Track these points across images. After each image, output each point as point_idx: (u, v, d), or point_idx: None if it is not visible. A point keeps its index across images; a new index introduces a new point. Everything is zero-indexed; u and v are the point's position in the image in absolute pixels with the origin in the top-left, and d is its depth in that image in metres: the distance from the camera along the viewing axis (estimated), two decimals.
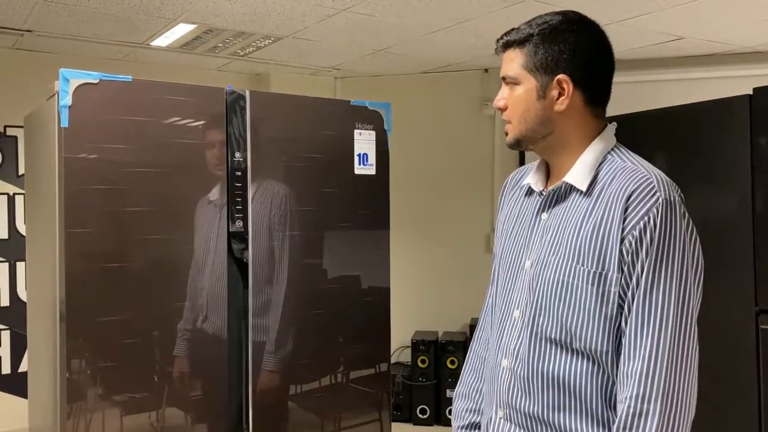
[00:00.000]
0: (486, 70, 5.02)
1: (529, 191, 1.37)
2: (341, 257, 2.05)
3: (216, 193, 1.88)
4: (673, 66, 4.65)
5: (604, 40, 1.30)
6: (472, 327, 3.76)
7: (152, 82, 1.78)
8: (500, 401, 1.34)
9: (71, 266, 1.68)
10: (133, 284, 1.78)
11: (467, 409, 1.58)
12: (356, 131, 2.06)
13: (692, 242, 1.18)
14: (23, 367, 4.32)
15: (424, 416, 4.63)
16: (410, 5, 3.32)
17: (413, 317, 4.90)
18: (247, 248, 1.92)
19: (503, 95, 1.31)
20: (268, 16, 3.64)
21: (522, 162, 4.20)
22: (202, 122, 1.84)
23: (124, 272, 1.76)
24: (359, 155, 2.06)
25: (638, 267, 1.13)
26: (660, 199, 1.12)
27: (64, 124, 1.63)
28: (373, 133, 2.10)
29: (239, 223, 1.90)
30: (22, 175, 4.32)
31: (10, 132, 4.34)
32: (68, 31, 3.97)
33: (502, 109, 1.32)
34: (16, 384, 4.31)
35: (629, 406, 1.12)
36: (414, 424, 4.67)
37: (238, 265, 1.92)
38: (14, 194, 4.35)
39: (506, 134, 1.32)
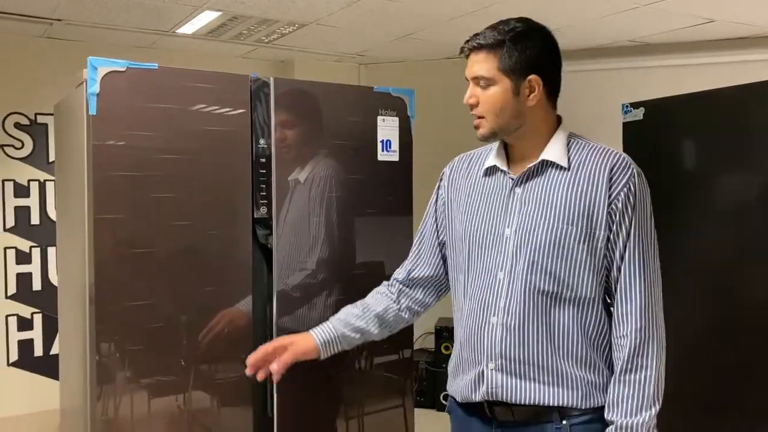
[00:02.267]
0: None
1: (491, 172, 1.55)
2: (365, 243, 2.06)
3: (240, 182, 1.89)
4: (704, 49, 4.55)
5: (556, 43, 1.50)
6: None
7: (178, 69, 1.81)
8: (491, 354, 1.45)
9: (100, 251, 1.70)
10: (161, 269, 1.80)
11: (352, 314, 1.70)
12: (379, 118, 2.05)
13: (650, 207, 1.44)
14: (54, 350, 4.37)
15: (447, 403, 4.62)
16: None
17: (437, 304, 4.91)
18: (271, 234, 1.92)
19: (474, 93, 1.47)
20: (293, 2, 3.64)
21: None
22: (227, 109, 1.85)
23: (152, 257, 1.78)
24: (382, 142, 2.06)
25: (625, 225, 1.36)
26: (634, 171, 1.39)
27: (93, 111, 1.64)
28: (397, 119, 2.08)
29: (263, 210, 1.91)
30: (53, 162, 4.38)
31: (40, 120, 4.41)
32: (96, 19, 4.02)
33: (473, 106, 1.48)
34: (47, 366, 4.40)
35: (633, 339, 1.34)
36: (437, 410, 4.70)
37: (262, 250, 1.94)
38: (45, 181, 4.42)
39: (476, 128, 1.49)
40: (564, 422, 1.39)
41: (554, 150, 1.45)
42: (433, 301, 1.76)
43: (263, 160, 1.90)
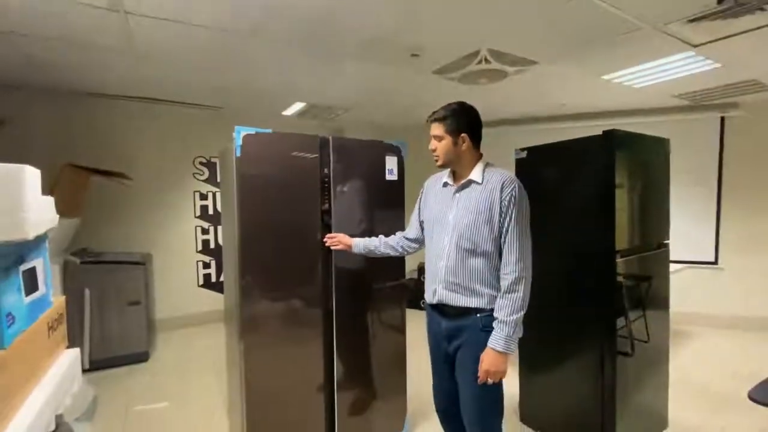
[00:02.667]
0: None
1: (445, 185, 1.54)
2: (378, 222, 2.02)
3: (314, 191, 1.89)
4: (561, 120, 4.47)
5: (478, 115, 1.49)
6: None
7: (282, 132, 1.79)
8: (440, 280, 1.49)
9: (243, 230, 1.71)
10: (279, 238, 1.78)
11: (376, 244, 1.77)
12: (387, 156, 2.05)
13: (527, 204, 1.43)
14: (221, 278, 4.45)
15: (424, 306, 4.61)
16: (430, 88, 3.29)
17: (418, 253, 4.91)
18: (330, 218, 1.92)
19: (434, 144, 1.50)
20: (343, 98, 3.64)
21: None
22: (307, 153, 1.84)
23: (271, 235, 1.78)
24: (388, 169, 2.05)
25: (509, 213, 1.38)
26: (516, 185, 1.41)
27: (238, 154, 1.67)
28: (396, 158, 2.07)
29: (326, 205, 1.91)
30: (218, 181, 4.42)
31: (212, 159, 4.44)
32: (239, 106, 4.04)
33: (434, 150, 1.50)
34: (217, 286, 4.44)
35: (511, 276, 1.38)
36: (419, 310, 4.70)
37: (326, 227, 1.92)
38: (215, 192, 4.46)
39: (436, 161, 1.51)
40: (478, 315, 1.42)
41: (475, 174, 1.46)
42: (416, 247, 1.77)
43: (326, 179, 1.90)
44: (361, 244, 1.78)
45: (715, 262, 4.08)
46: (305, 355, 1.86)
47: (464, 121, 1.45)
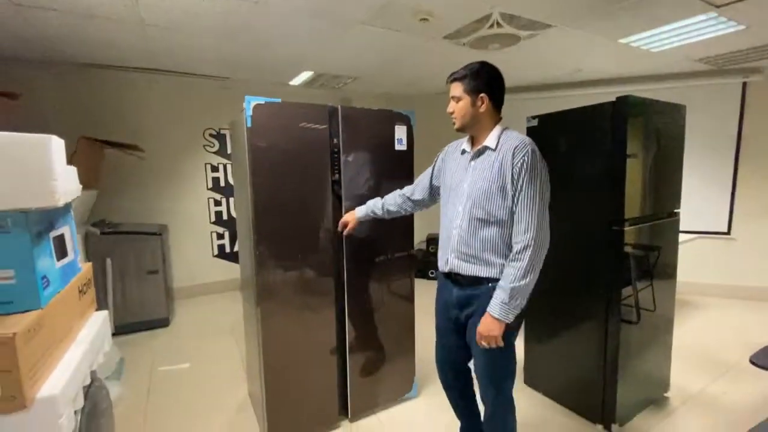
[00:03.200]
0: None
1: (463, 152, 1.51)
2: (387, 187, 2.00)
3: (324, 162, 1.89)
4: (576, 87, 4.35)
5: (501, 75, 1.43)
6: None
7: (291, 102, 1.77)
8: (452, 249, 1.46)
9: (256, 200, 1.74)
10: (287, 207, 1.82)
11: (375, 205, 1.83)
12: (396, 126, 2.03)
13: (545, 171, 1.35)
14: (234, 249, 4.54)
15: (432, 276, 4.67)
16: (435, 60, 3.22)
17: (426, 226, 4.95)
18: (340, 188, 1.93)
19: (452, 106, 1.46)
20: (351, 66, 3.58)
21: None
22: (316, 124, 1.84)
23: (283, 206, 1.80)
24: (397, 139, 2.04)
25: (521, 180, 1.32)
26: (529, 149, 1.33)
27: (248, 125, 1.67)
28: (405, 127, 2.05)
29: (336, 176, 1.92)
30: (229, 153, 4.46)
31: (222, 131, 4.45)
32: (246, 76, 4.01)
33: (451, 113, 1.46)
34: (231, 256, 4.56)
35: (518, 245, 1.33)
36: (426, 279, 4.78)
37: (336, 197, 1.95)
38: (225, 164, 4.49)
39: (453, 124, 1.47)
40: (489, 285, 1.39)
41: (490, 139, 1.42)
42: (417, 209, 1.80)
43: (335, 150, 1.90)
44: (363, 212, 1.82)
45: (728, 233, 4.04)
46: (318, 320, 1.94)
47: (484, 81, 1.39)
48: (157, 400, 2.37)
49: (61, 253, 1.21)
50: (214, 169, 4.37)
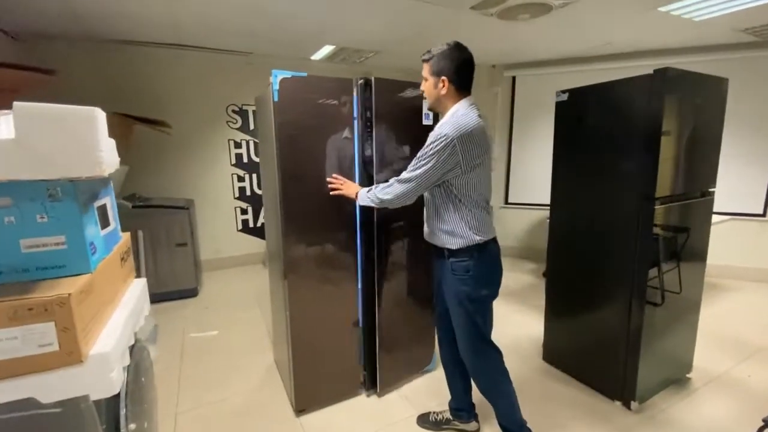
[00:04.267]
0: (493, 66, 4.70)
1: None
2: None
3: (349, 133, 1.87)
4: (607, 60, 4.16)
5: (468, 58, 1.43)
6: None
7: (317, 76, 1.75)
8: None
9: (282, 174, 1.75)
10: (311, 183, 1.81)
11: None
12: (424, 100, 1.96)
13: (444, 158, 1.39)
14: (258, 223, 4.63)
15: None
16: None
17: None
18: (372, 164, 1.90)
19: (423, 85, 1.51)
20: (372, 40, 3.52)
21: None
22: (341, 97, 1.82)
23: (307, 178, 1.81)
24: (425, 113, 2.00)
25: (425, 148, 1.45)
26: (441, 138, 1.37)
27: (276, 99, 1.67)
28: None
29: (368, 152, 1.90)
30: (253, 129, 4.49)
31: (244, 108, 4.48)
32: (270, 51, 3.99)
33: (423, 91, 1.52)
34: (255, 231, 4.67)
35: (400, 178, 1.53)
36: None
37: (368, 175, 1.93)
38: (249, 140, 4.53)
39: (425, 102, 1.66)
40: (448, 257, 1.53)
41: (441, 120, 1.49)
42: None
43: (369, 123, 1.86)
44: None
45: (763, 215, 3.88)
46: (341, 293, 1.99)
47: (446, 64, 1.42)
48: (190, 363, 2.52)
49: (104, 222, 1.28)
50: (237, 145, 4.43)
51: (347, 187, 1.76)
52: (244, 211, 4.56)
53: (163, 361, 2.52)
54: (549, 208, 2.34)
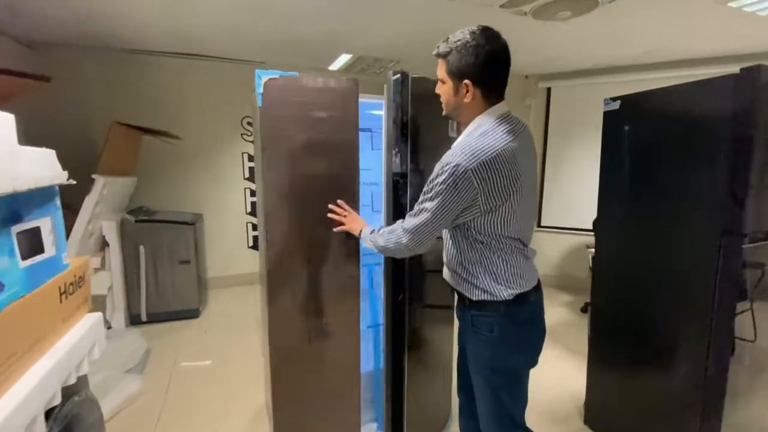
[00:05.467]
0: (526, 76, 4.37)
1: None
2: None
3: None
4: (648, 70, 3.73)
5: (499, 47, 1.05)
6: None
7: (311, 77, 1.46)
8: None
9: (267, 196, 1.47)
10: (297, 191, 1.49)
11: None
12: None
13: (455, 193, 1.04)
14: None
15: None
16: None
17: None
18: (406, 184, 1.60)
19: (438, 88, 1.16)
20: (392, 48, 3.28)
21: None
22: (343, 99, 1.53)
23: (296, 182, 1.49)
24: (451, 124, 1.71)
25: (429, 184, 1.11)
26: (451, 164, 1.02)
27: (259, 104, 1.41)
28: None
29: (404, 166, 1.59)
30: None
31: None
32: (281, 60, 3.85)
33: (438, 95, 1.16)
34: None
35: (404, 223, 1.18)
36: None
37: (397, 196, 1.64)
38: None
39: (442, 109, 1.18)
40: (469, 309, 1.19)
41: (456, 142, 1.12)
42: None
43: (404, 131, 1.56)
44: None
45: None
46: (341, 333, 1.67)
47: (470, 62, 1.04)
48: (174, 397, 2.28)
49: (32, 249, 1.04)
50: (251, 158, 4.27)
51: (351, 221, 1.45)
52: (255, 227, 4.38)
53: (146, 394, 2.29)
54: (588, 232, 1.99)
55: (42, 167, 1.04)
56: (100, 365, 2.39)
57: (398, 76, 1.55)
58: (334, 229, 1.49)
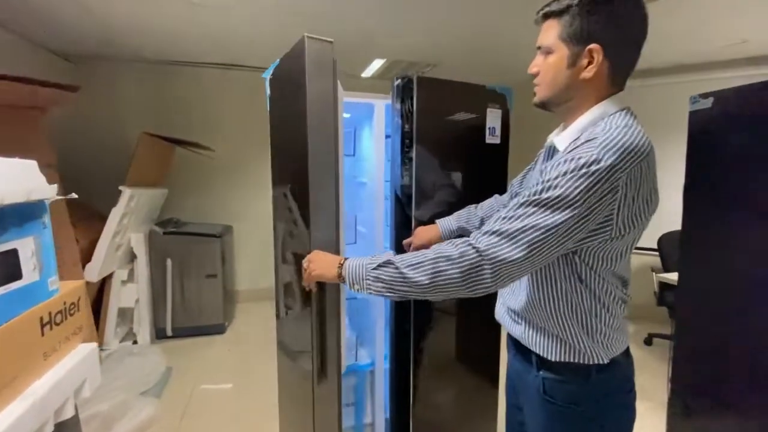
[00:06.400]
0: None
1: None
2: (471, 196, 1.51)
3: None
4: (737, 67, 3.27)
5: (641, 10, 0.74)
6: None
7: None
8: (502, 292, 1.02)
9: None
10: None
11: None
12: (488, 109, 1.48)
13: (589, 194, 0.70)
14: None
15: None
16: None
17: None
18: (410, 194, 1.44)
19: (537, 63, 0.84)
20: (429, 53, 3.07)
21: None
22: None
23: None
24: (489, 128, 1.49)
25: (544, 175, 0.75)
26: (594, 153, 0.69)
27: (269, 107, 1.26)
28: (499, 111, 1.50)
29: (405, 179, 1.44)
30: None
31: None
32: None
33: (535, 75, 0.84)
34: None
35: (473, 239, 0.79)
36: None
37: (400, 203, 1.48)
38: None
39: (534, 95, 0.85)
40: (539, 370, 0.89)
41: (568, 132, 0.80)
42: None
43: (407, 138, 1.42)
44: (453, 225, 1.24)
45: None
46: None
47: (604, 23, 0.74)
48: (189, 425, 2.12)
49: (7, 275, 0.89)
50: None
51: (317, 263, 0.97)
52: None
53: (161, 420, 2.15)
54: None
55: (15, 181, 0.89)
56: (115, 387, 2.31)
57: (399, 81, 1.41)
58: (304, 283, 1.05)
